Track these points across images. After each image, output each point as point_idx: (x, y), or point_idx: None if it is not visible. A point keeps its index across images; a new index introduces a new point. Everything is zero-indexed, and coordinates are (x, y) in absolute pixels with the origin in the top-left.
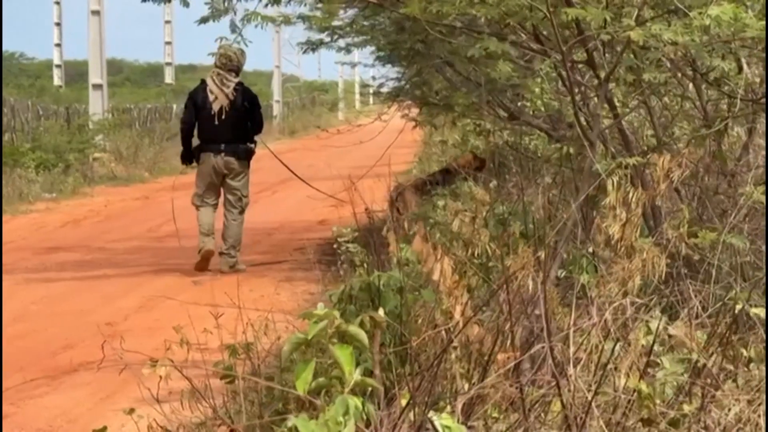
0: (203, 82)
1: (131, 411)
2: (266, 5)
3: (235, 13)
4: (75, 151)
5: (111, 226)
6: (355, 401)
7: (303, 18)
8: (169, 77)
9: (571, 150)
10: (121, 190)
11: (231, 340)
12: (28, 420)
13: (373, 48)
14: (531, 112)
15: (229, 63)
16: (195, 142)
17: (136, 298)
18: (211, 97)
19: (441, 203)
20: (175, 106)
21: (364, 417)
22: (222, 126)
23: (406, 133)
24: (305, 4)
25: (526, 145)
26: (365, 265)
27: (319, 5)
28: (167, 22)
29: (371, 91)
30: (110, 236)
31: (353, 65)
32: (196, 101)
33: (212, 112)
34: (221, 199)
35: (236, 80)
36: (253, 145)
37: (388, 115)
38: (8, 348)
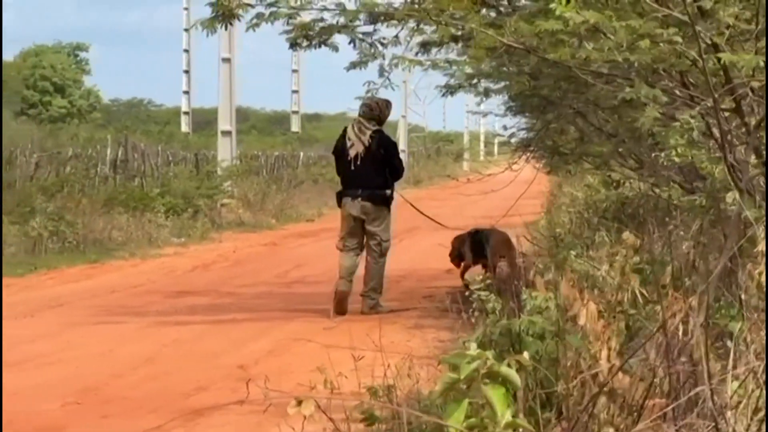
0: (345, 129)
1: None
2: (416, 53)
3: (383, 58)
4: (204, 196)
5: (239, 271)
6: None
7: (450, 63)
8: (295, 126)
9: (704, 202)
10: (249, 236)
11: (367, 384)
12: None
13: (504, 98)
14: (664, 163)
15: (370, 112)
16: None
17: (267, 342)
18: (348, 144)
19: (574, 252)
20: (302, 154)
21: None
22: (358, 172)
23: (533, 183)
24: (452, 50)
25: (658, 196)
26: (497, 312)
27: (467, 48)
28: (294, 71)
29: (498, 141)
30: (239, 281)
31: (484, 114)
32: (338, 148)
33: (349, 158)
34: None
35: (374, 128)
36: (389, 192)
37: (519, 165)
38: (141, 389)
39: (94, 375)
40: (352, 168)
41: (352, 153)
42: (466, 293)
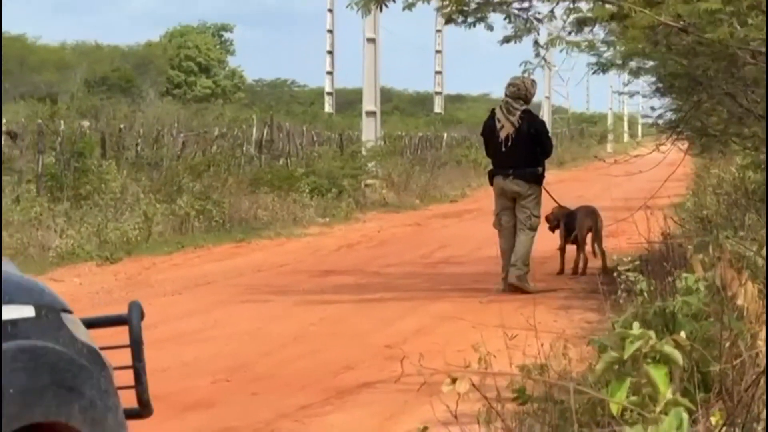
0: (493, 111)
1: (425, 429)
2: (569, 33)
3: (537, 33)
4: (348, 176)
5: (384, 251)
6: (686, 416)
7: (607, 43)
8: (438, 107)
9: None
10: (393, 216)
11: (519, 364)
12: None
13: (652, 78)
14: None
15: (517, 92)
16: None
17: (414, 321)
18: (498, 125)
19: (724, 233)
20: (445, 135)
21: None
22: (509, 152)
23: (676, 165)
24: (605, 29)
25: None
26: (645, 293)
27: (624, 27)
28: (438, 51)
29: (644, 122)
30: (384, 261)
31: (631, 95)
32: (487, 130)
33: (500, 139)
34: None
35: (522, 108)
36: (540, 169)
37: (666, 147)
38: (289, 367)
39: (243, 352)
40: (503, 149)
41: (502, 134)
42: (614, 274)
